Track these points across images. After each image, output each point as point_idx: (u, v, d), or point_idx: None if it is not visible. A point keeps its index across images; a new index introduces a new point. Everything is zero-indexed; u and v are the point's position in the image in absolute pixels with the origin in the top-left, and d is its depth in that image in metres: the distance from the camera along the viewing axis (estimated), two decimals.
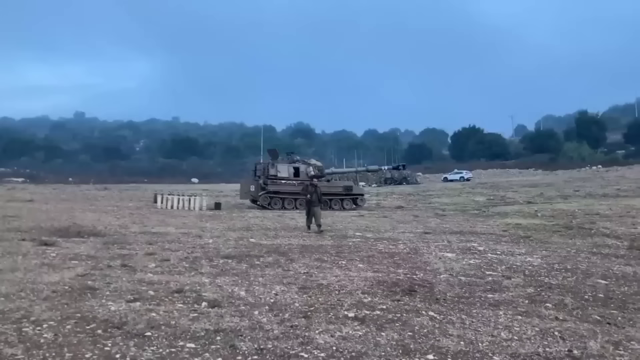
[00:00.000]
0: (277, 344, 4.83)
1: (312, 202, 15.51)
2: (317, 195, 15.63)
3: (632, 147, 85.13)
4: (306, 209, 16.06)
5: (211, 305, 6.16)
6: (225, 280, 7.71)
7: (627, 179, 46.14)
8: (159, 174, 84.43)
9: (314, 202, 15.50)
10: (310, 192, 15.76)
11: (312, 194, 15.63)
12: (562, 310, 6.30)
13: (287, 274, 8.37)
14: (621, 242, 13.22)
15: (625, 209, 23.28)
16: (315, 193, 15.65)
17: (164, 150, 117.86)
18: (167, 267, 8.79)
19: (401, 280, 8.00)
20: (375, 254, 10.90)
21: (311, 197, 15.57)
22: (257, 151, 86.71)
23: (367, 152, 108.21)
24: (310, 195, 15.64)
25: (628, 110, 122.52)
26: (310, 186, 16.13)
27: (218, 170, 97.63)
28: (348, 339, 5.02)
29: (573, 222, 18.57)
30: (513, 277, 8.36)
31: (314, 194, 15.59)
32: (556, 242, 13.33)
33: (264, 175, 28.27)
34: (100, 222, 17.12)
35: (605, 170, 63.42)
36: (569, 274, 8.75)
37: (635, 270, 9.17)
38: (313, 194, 15.63)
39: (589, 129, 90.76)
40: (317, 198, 15.56)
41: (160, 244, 11.85)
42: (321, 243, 12.61)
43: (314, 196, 15.55)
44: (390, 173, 62.21)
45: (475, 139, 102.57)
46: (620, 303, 6.75)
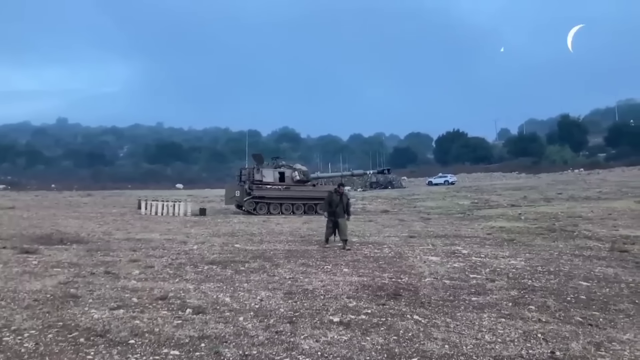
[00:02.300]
0: (262, 350, 4.81)
1: (336, 213, 12.85)
2: (344, 205, 13.02)
3: (612, 150, 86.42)
4: (328, 222, 13.11)
5: (195, 312, 6.12)
6: (210, 287, 7.67)
7: (608, 181, 46.80)
8: (143, 179, 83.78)
9: (339, 213, 12.88)
10: (335, 202, 12.95)
11: (338, 204, 12.90)
12: (545, 313, 6.36)
13: (272, 279, 8.34)
14: (602, 244, 13.41)
15: (607, 211, 23.64)
16: (341, 203, 12.99)
17: (148, 156, 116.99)
18: (151, 274, 8.71)
19: (386, 285, 8.02)
20: (360, 258, 10.92)
21: (336, 207, 12.85)
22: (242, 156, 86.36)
23: (353, 157, 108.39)
24: (335, 207, 12.87)
25: (609, 113, 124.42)
26: (335, 194, 13.16)
27: (203, 175, 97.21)
28: (333, 344, 5.02)
29: (556, 224, 18.79)
30: (497, 280, 8.43)
31: (340, 204, 12.93)
32: (539, 244, 13.47)
33: (249, 181, 28.22)
34: (83, 228, 16.95)
35: (587, 173, 64.26)
36: (552, 276, 8.84)
37: (616, 272, 9.30)
38: (339, 204, 12.91)
39: (571, 132, 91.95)
40: (342, 209, 12.97)
41: (144, 250, 11.76)
42: (306, 248, 12.60)
43: (340, 207, 12.90)
44: (375, 177, 62.50)
45: (460, 143, 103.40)
46: (601, 304, 6.83)
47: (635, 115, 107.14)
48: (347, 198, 13.39)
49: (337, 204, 12.91)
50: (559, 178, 59.47)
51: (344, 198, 13.11)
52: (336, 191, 13.30)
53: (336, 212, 12.85)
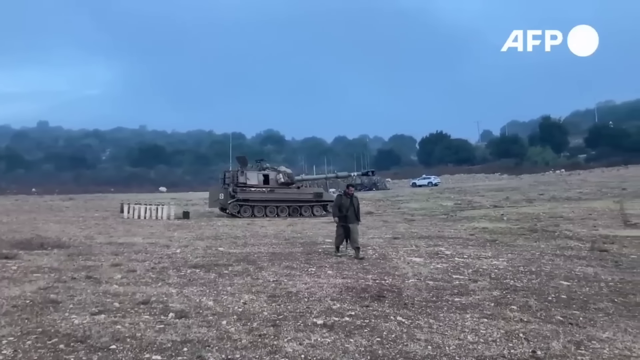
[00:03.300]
0: (245, 354, 4.79)
1: (347, 218, 11.64)
2: (355, 209, 11.75)
3: (592, 151, 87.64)
4: (339, 228, 11.83)
5: (178, 316, 6.07)
6: (193, 291, 7.61)
7: (589, 182, 47.48)
8: (126, 183, 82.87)
9: (350, 218, 11.67)
10: (346, 205, 11.72)
11: (348, 208, 11.69)
12: (527, 312, 6.43)
13: (256, 282, 8.31)
14: (583, 244, 13.60)
15: (587, 211, 23.99)
16: (352, 206, 11.71)
17: (131, 159, 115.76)
18: (134, 278, 8.63)
19: (370, 286, 8.04)
20: (344, 260, 10.94)
21: (347, 212, 11.65)
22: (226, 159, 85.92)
23: (337, 159, 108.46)
24: (346, 211, 11.67)
25: (588, 115, 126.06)
26: (345, 197, 11.89)
27: (186, 178, 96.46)
28: (317, 347, 5.02)
29: (537, 225, 19.02)
30: (479, 281, 8.50)
31: (350, 208, 11.70)
32: (521, 245, 13.62)
33: (233, 183, 28.13)
34: (64, 233, 16.73)
35: (568, 174, 65.12)
36: (534, 276, 8.94)
37: (596, 271, 9.44)
38: (349, 207, 11.69)
39: (552, 133, 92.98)
40: (354, 213, 11.72)
41: (126, 254, 11.65)
42: (291, 250, 12.58)
43: (351, 210, 11.67)
44: (360, 179, 62.52)
45: (443, 145, 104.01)
46: (582, 303, 6.93)
47: (614, 117, 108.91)
48: (358, 200, 12.10)
49: (347, 208, 11.68)
50: (541, 179, 60.18)
51: (354, 201, 11.82)
52: (346, 193, 11.97)
53: (347, 217, 11.61)
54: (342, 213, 11.65)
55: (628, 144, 79.28)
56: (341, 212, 11.68)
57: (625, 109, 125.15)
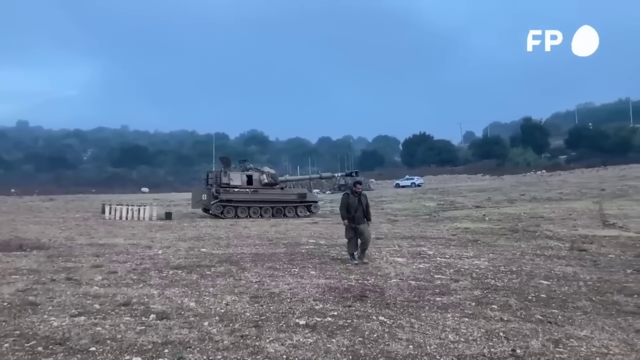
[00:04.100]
0: (226, 355, 4.77)
1: (356, 219, 10.62)
2: (364, 208, 10.71)
3: (573, 152, 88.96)
4: (348, 230, 10.75)
5: (159, 318, 6.02)
6: (175, 292, 7.56)
7: (569, 182, 48.18)
8: (108, 183, 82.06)
9: (360, 218, 10.65)
10: (354, 205, 10.65)
11: (357, 208, 10.66)
12: (507, 311, 6.50)
13: (238, 283, 8.28)
14: (563, 243, 13.80)
15: (567, 211, 24.35)
16: (361, 205, 10.68)
17: (112, 159, 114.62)
18: (114, 280, 8.54)
19: (353, 286, 8.06)
20: (327, 260, 10.96)
21: (355, 212, 10.63)
22: (210, 159, 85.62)
23: (321, 159, 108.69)
24: (354, 211, 10.64)
25: (569, 117, 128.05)
26: (352, 195, 10.76)
27: (169, 179, 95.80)
28: (299, 347, 5.02)
29: (519, 225, 19.25)
30: (461, 280, 8.58)
31: (359, 207, 10.67)
32: (502, 245, 13.77)
33: (216, 184, 27.99)
34: (44, 234, 16.50)
35: (548, 175, 66.01)
36: (514, 276, 9.04)
37: (575, 271, 9.58)
38: (358, 207, 10.66)
39: (533, 135, 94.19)
40: (363, 212, 10.72)
41: (107, 255, 11.52)
42: (274, 251, 12.56)
43: (360, 210, 10.67)
44: (343, 180, 62.54)
45: (426, 146, 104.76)
46: (560, 302, 7.02)
47: (593, 119, 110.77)
48: (367, 199, 11.01)
49: (355, 208, 10.61)
50: (522, 179, 60.90)
51: (362, 199, 10.75)
52: (353, 191, 10.83)
53: (356, 218, 10.61)
54: (350, 214, 10.64)
55: (607, 146, 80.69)
56: (349, 213, 10.66)
57: (604, 111, 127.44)
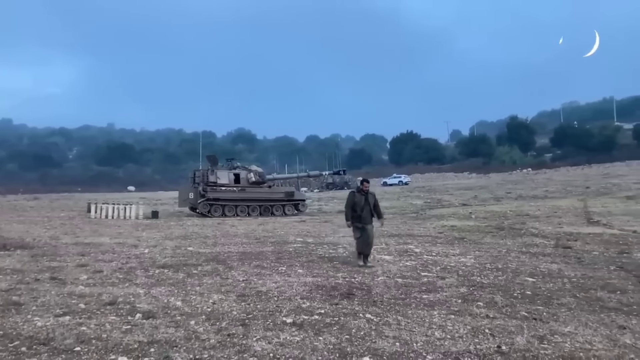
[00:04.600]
0: (213, 353, 4.75)
1: (362, 218, 9.89)
2: (370, 207, 9.96)
3: (558, 151, 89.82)
4: (356, 231, 10.01)
5: (145, 317, 5.98)
6: (161, 291, 7.52)
7: (554, 181, 48.64)
8: (94, 182, 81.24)
9: (366, 218, 9.93)
10: (360, 204, 9.89)
11: (363, 207, 9.90)
12: (493, 308, 6.55)
13: (225, 282, 8.26)
14: (548, 241, 13.95)
15: (552, 209, 24.60)
16: (367, 204, 9.92)
17: (98, 158, 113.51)
18: (100, 279, 8.47)
19: (340, 284, 8.08)
20: (315, 258, 10.96)
21: (362, 211, 9.89)
22: (196, 158, 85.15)
23: (309, 158, 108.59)
24: (360, 210, 9.89)
25: (554, 115, 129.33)
26: (358, 194, 10.01)
27: (156, 177, 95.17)
28: (285, 345, 5.01)
29: (504, 223, 19.41)
30: (447, 278, 8.63)
31: (366, 206, 9.92)
32: (488, 242, 13.88)
33: (203, 182, 27.88)
34: (28, 233, 16.31)
35: (534, 173, 66.55)
36: (500, 273, 9.12)
37: (560, 268, 9.68)
38: (364, 206, 9.91)
39: (519, 133, 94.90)
40: (369, 212, 9.98)
41: (93, 255, 11.42)
42: (261, 250, 12.53)
43: (367, 210, 9.93)
44: (331, 178, 62.79)
45: (413, 144, 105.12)
46: (545, 299, 7.10)
47: (578, 117, 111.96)
48: (375, 197, 10.20)
49: (362, 207, 9.88)
50: (508, 178, 61.37)
51: (370, 198, 10.00)
52: (360, 190, 10.07)
53: (362, 217, 9.86)
54: (356, 212, 9.90)
55: (592, 144, 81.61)
56: (355, 212, 9.92)
57: (589, 109, 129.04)
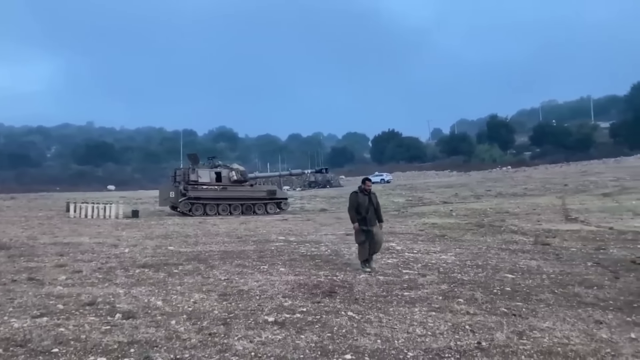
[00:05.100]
0: (194, 353, 4.72)
1: (368, 220, 9.25)
2: (374, 207, 9.40)
3: (537, 149, 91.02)
4: (359, 234, 9.36)
5: (125, 317, 5.92)
6: (142, 291, 7.45)
7: (533, 178, 49.27)
8: (73, 181, 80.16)
9: (372, 220, 9.31)
10: (364, 205, 9.27)
11: (368, 208, 9.29)
12: (473, 305, 6.62)
13: (206, 281, 8.21)
14: (527, 238, 14.13)
15: (531, 207, 24.93)
16: (371, 205, 9.33)
17: (77, 157, 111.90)
18: (79, 279, 8.36)
19: (322, 282, 8.09)
20: (297, 257, 10.95)
21: (367, 213, 9.25)
22: (177, 156, 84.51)
23: (291, 156, 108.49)
24: (365, 212, 9.25)
25: (533, 114, 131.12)
26: (362, 194, 9.40)
27: (136, 176, 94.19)
28: (267, 344, 5.00)
29: (485, 220, 19.61)
30: (428, 275, 8.70)
31: (370, 207, 9.31)
32: (469, 239, 14.01)
33: (184, 181, 27.68)
34: (5, 233, 16.02)
35: (514, 171, 67.35)
36: (480, 270, 9.22)
37: (538, 264, 9.82)
38: (369, 207, 9.30)
39: (499, 132, 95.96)
40: (374, 213, 9.38)
41: (72, 254, 11.27)
42: (243, 248, 12.49)
43: (371, 211, 9.31)
44: (314, 176, 62.84)
45: (395, 143, 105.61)
46: (524, 295, 7.19)
47: (557, 116, 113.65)
48: (377, 197, 9.66)
49: (367, 208, 9.25)
50: (488, 176, 62.02)
51: (373, 198, 9.42)
52: (362, 190, 9.42)
53: (367, 219, 9.23)
54: (361, 215, 9.29)
55: (570, 142, 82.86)
56: (359, 214, 9.31)
57: (567, 108, 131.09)
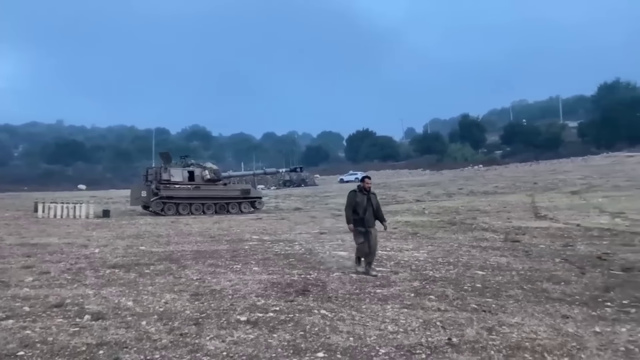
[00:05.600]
0: (165, 354, 4.67)
1: (366, 221, 8.71)
2: (373, 208, 8.81)
3: (508, 148, 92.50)
4: (358, 235, 8.80)
5: (95, 318, 5.82)
6: (112, 291, 7.33)
7: (504, 177, 50.09)
8: (42, 181, 78.19)
9: (370, 221, 8.76)
10: (362, 205, 8.71)
11: (366, 208, 8.73)
12: (444, 301, 6.70)
13: (178, 281, 8.13)
14: (498, 235, 14.37)
15: (502, 204, 25.36)
16: (370, 205, 8.76)
17: (46, 156, 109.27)
18: (47, 280, 8.18)
19: (295, 281, 8.09)
20: (271, 256, 10.92)
21: (364, 213, 8.70)
22: (149, 155, 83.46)
23: (266, 155, 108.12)
24: (363, 212, 8.70)
25: (504, 113, 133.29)
26: (360, 193, 8.82)
27: (107, 175, 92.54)
28: (239, 343, 4.98)
29: (456, 218, 19.87)
30: (401, 272, 8.77)
31: (369, 208, 8.75)
32: (441, 237, 14.18)
33: (156, 180, 27.33)
34: None
35: (485, 170, 68.34)
36: (451, 267, 9.34)
37: (508, 261, 10.00)
38: (367, 207, 8.73)
39: (470, 131, 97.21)
40: (372, 213, 8.82)
41: (40, 255, 11.03)
42: (216, 248, 12.40)
43: (369, 211, 8.75)
44: (288, 175, 62.76)
45: (369, 142, 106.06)
46: (494, 291, 7.32)
47: (527, 115, 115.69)
48: (377, 197, 9.07)
49: (365, 208, 8.71)
50: (460, 174, 62.79)
51: (372, 198, 8.85)
52: (361, 189, 8.86)
53: (366, 220, 8.69)
54: (358, 215, 8.73)
55: (539, 141, 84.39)
56: (357, 214, 8.75)
57: (536, 108, 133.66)
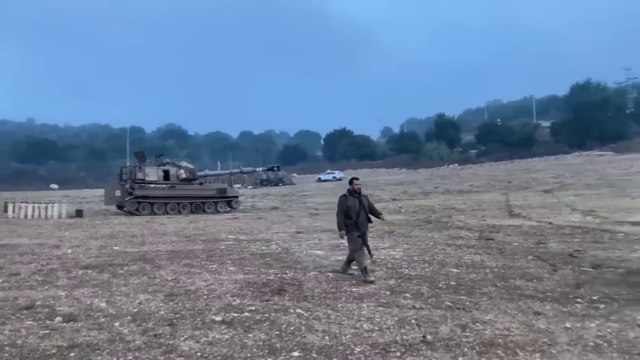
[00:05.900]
0: (138, 355, 4.62)
1: (360, 225, 8.19)
2: (366, 211, 8.36)
3: (482, 147, 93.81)
4: (355, 240, 8.21)
5: (66, 320, 5.72)
6: (84, 292, 7.21)
7: (479, 175, 50.80)
8: (12, 180, 76.44)
9: (363, 225, 8.28)
10: (355, 208, 8.20)
11: (359, 211, 8.22)
12: (419, 299, 6.76)
13: (153, 281, 8.03)
14: (472, 233, 14.53)
15: (477, 203, 25.70)
16: (363, 208, 8.30)
17: (17, 154, 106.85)
18: (16, 282, 8.01)
19: (271, 281, 8.06)
20: (247, 255, 10.87)
21: (358, 217, 8.17)
22: (124, 154, 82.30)
23: (243, 154, 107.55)
24: (356, 216, 8.17)
25: (479, 113, 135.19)
26: (351, 197, 8.32)
27: (80, 175, 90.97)
28: (214, 344, 4.95)
29: (432, 216, 20.06)
30: (377, 270, 8.81)
31: (362, 211, 8.27)
32: (417, 235, 14.29)
33: (130, 180, 26.97)
34: None
35: (460, 168, 69.20)
36: (427, 265, 9.42)
37: (482, 259, 10.12)
38: (360, 211, 8.24)
39: (446, 130, 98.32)
40: (366, 217, 8.37)
41: (9, 256, 10.79)
42: (191, 248, 12.29)
43: (362, 215, 8.27)
44: (265, 174, 62.57)
45: (346, 141, 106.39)
46: (468, 289, 7.40)
47: (501, 115, 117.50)
48: (368, 199, 8.68)
49: (358, 212, 8.21)
50: (436, 173, 63.47)
51: (364, 200, 8.40)
52: (351, 192, 8.36)
53: (359, 224, 8.20)
54: (351, 219, 8.21)
55: (513, 141, 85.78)
56: (350, 219, 8.22)
57: (511, 108, 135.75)
